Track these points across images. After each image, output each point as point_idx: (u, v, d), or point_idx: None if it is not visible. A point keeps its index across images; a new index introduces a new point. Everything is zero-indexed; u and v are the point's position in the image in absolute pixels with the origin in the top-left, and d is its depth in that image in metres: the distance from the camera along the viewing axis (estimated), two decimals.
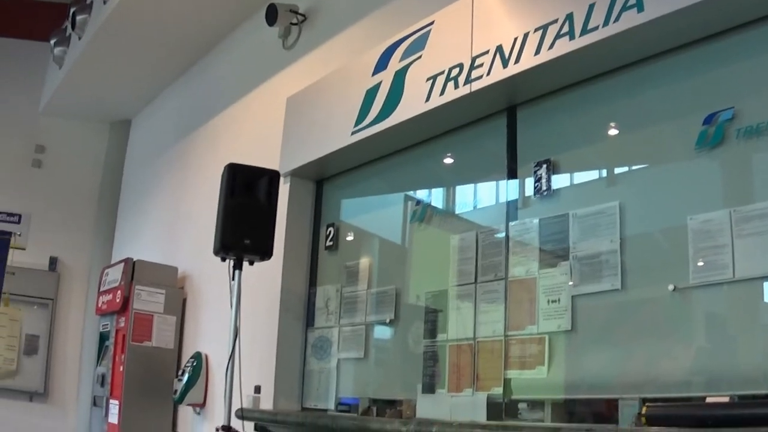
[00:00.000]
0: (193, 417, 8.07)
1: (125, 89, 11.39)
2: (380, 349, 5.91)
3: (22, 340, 12.10)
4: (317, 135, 6.42)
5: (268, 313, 6.60)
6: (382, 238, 6.24)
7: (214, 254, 5.73)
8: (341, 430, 5.16)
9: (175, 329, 8.52)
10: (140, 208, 11.20)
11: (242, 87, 8.45)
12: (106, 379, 8.66)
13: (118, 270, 8.63)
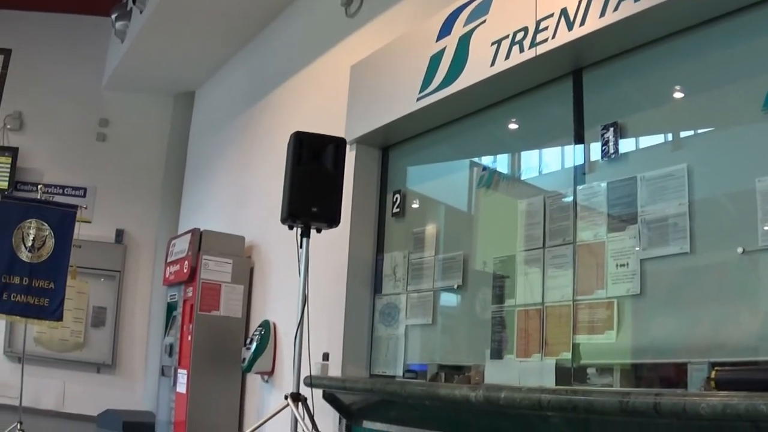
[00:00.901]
0: (262, 385, 8.30)
1: (188, 61, 11.66)
2: (448, 315, 6.03)
3: (90, 313, 12.46)
4: (382, 102, 6.54)
5: (336, 281, 6.76)
6: (448, 204, 6.35)
7: (282, 222, 5.85)
8: (410, 396, 5.26)
9: (243, 298, 8.75)
10: (206, 178, 11.48)
11: (306, 56, 8.61)
12: (174, 349, 8.94)
13: (185, 240, 8.88)
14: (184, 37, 10.65)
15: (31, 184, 12.47)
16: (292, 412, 5.43)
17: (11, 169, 12.61)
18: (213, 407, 8.46)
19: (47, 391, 12.12)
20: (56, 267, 8.39)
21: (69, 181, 12.83)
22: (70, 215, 8.57)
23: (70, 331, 12.07)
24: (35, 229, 8.37)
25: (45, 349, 12.20)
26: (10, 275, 8.35)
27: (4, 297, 8.33)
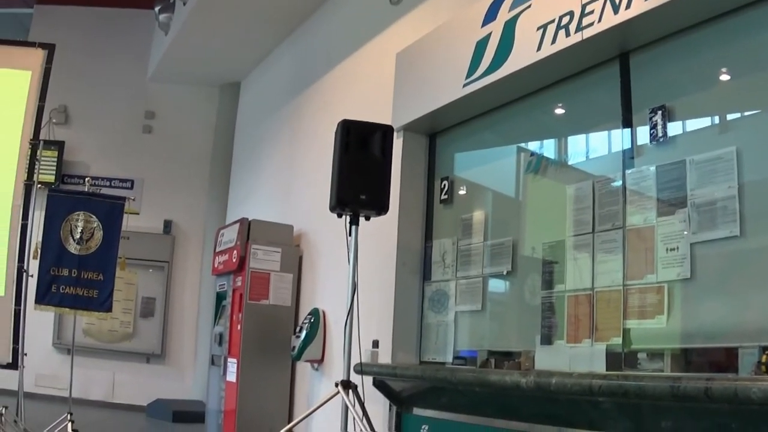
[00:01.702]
0: (312, 373, 8.49)
1: (233, 52, 11.89)
2: (497, 301, 6.13)
3: (139, 303, 12.71)
4: (429, 89, 6.64)
5: (385, 268, 6.89)
6: (496, 190, 6.43)
7: (330, 211, 5.94)
8: (460, 383, 5.35)
9: (292, 287, 8.94)
10: (253, 168, 11.66)
11: (351, 44, 8.75)
12: (224, 338, 9.14)
13: (234, 230, 9.07)
14: (228, 27, 10.87)
15: (78, 177, 12.74)
16: (342, 400, 5.51)
17: (58, 162, 12.94)
18: (263, 396, 8.65)
19: (97, 381, 12.48)
20: (105, 258, 8.49)
21: (116, 173, 13.13)
22: (118, 207, 8.68)
23: (119, 322, 12.36)
24: (83, 221, 8.49)
25: (94, 340, 12.51)
26: (58, 267, 8.44)
27: (53, 289, 8.41)
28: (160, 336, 13.04)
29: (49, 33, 11.77)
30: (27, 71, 8.45)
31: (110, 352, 12.84)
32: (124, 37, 13.94)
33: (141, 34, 13.79)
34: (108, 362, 12.81)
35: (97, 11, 14.01)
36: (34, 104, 8.32)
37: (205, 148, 13.61)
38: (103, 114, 13.65)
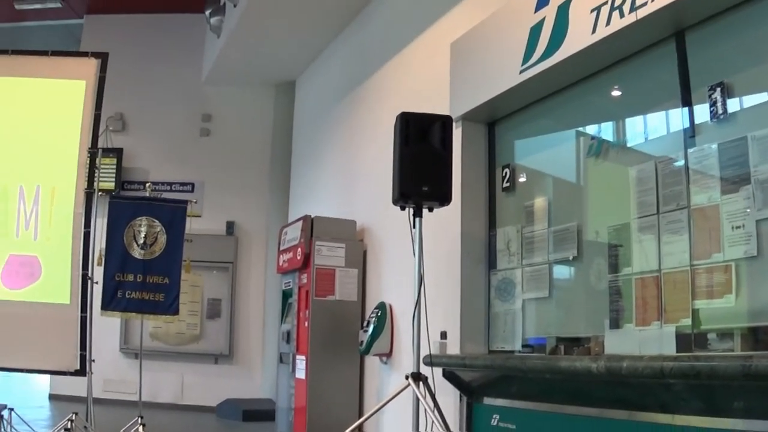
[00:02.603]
0: (380, 367, 8.64)
1: (286, 51, 12.12)
2: (564, 287, 6.20)
3: (205, 305, 12.96)
4: (485, 77, 6.72)
5: (450, 259, 6.99)
6: (558, 175, 6.48)
7: (393, 203, 6.07)
8: (530, 370, 5.46)
9: (358, 281, 9.13)
10: (313, 165, 11.87)
11: (404, 36, 8.88)
12: (292, 336, 9.38)
13: (297, 228, 9.29)
14: (280, 27, 11.11)
15: (137, 183, 13.12)
16: (413, 392, 5.61)
17: (117, 169, 13.32)
18: (333, 391, 8.85)
19: (165, 384, 12.84)
20: (170, 262, 8.69)
21: (176, 177, 13.45)
22: (181, 210, 8.86)
23: (186, 324, 12.64)
24: (146, 226, 8.68)
25: (161, 343, 12.83)
26: (123, 273, 8.64)
27: (119, 295, 8.62)
28: (228, 336, 13.34)
29: (100, 42, 12.09)
30: (81, 81, 8.69)
31: (178, 355, 13.18)
32: (176, 42, 14.30)
33: (193, 38, 14.12)
34: (176, 364, 13.16)
35: (147, 18, 14.38)
36: (91, 113, 8.54)
37: (263, 147, 13.90)
38: (160, 119, 14.04)
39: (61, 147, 8.61)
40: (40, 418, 10.44)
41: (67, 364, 8.14)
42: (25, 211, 8.51)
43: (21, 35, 15.17)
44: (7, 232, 8.52)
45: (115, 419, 9.35)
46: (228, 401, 12.48)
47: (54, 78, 8.84)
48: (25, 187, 8.54)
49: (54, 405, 12.55)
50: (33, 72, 8.91)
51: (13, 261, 8.48)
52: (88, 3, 14.30)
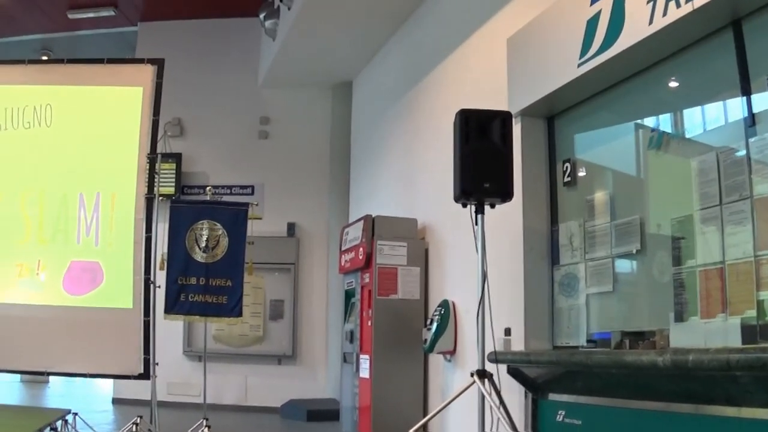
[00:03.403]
0: (444, 364, 8.72)
1: (342, 51, 12.30)
2: (628, 281, 6.23)
3: (267, 306, 13.15)
4: (543, 71, 6.79)
5: (512, 255, 7.08)
6: (619, 168, 6.52)
7: (455, 201, 6.14)
8: (596, 365, 5.49)
9: (420, 280, 9.22)
10: (372, 164, 12.04)
11: (460, 33, 8.96)
12: (355, 335, 9.52)
13: (358, 228, 9.44)
14: (335, 28, 11.30)
15: (197, 187, 13.39)
16: (478, 389, 5.67)
17: (176, 174, 13.61)
18: (397, 390, 8.97)
19: (229, 386, 13.14)
20: (232, 265, 8.85)
21: (235, 180, 13.72)
22: (242, 213, 9.01)
23: (249, 326, 12.85)
24: (208, 229, 8.84)
25: (225, 345, 13.09)
26: (186, 276, 8.84)
27: (182, 298, 8.82)
28: (291, 337, 13.54)
29: (155, 49, 12.32)
30: (138, 87, 8.94)
31: (241, 356, 13.42)
32: (232, 46, 14.56)
33: (248, 42, 14.38)
34: (240, 366, 13.40)
35: (201, 23, 14.67)
36: (149, 119, 8.78)
37: (322, 148, 14.10)
38: (218, 123, 14.31)
39: (120, 153, 8.86)
40: (103, 422, 10.69)
41: (131, 368, 8.38)
42: (86, 217, 8.77)
43: (75, 44, 15.54)
44: (68, 238, 8.82)
45: (179, 422, 9.57)
46: (292, 402, 12.68)
47: (111, 86, 9.09)
48: (85, 194, 8.80)
49: (117, 409, 12.86)
50: (90, 80, 9.16)
51: (75, 267, 8.77)
52: (141, 10, 14.60)
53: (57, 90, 9.18)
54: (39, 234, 8.89)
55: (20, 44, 15.61)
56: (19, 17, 14.52)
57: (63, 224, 8.84)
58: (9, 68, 9.54)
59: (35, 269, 8.83)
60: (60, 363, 8.60)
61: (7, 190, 8.98)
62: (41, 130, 9.03)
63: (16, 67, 9.54)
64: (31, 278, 8.80)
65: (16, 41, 15.59)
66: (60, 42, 15.64)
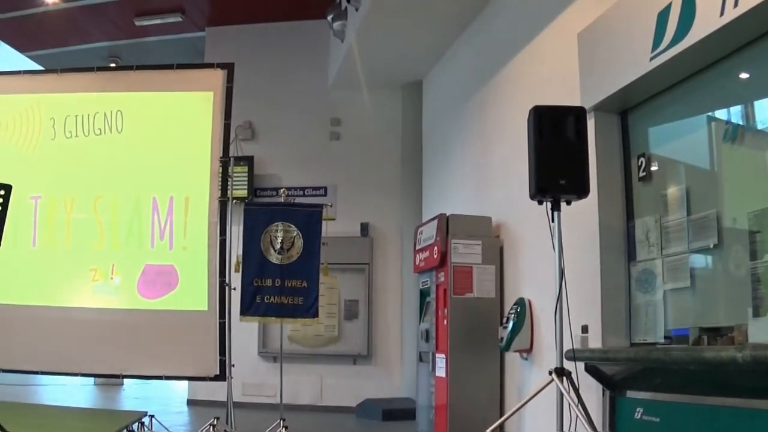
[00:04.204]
0: (521, 363, 8.78)
1: (411, 51, 12.46)
2: (705, 276, 6.21)
3: (342, 307, 13.32)
4: (615, 66, 6.82)
5: (588, 252, 7.10)
6: (694, 162, 6.50)
7: (531, 198, 6.22)
8: (674, 362, 5.52)
9: (495, 278, 9.29)
10: (445, 163, 12.12)
11: (530, 29, 9.02)
12: (431, 334, 9.63)
13: (432, 227, 9.55)
14: (403, 27, 11.42)
15: (270, 190, 13.67)
16: (556, 388, 5.74)
17: (249, 177, 13.88)
18: (473, 389, 9.06)
19: (304, 386, 13.42)
20: (307, 266, 9.04)
21: (308, 182, 13.97)
22: (316, 214, 9.18)
23: (324, 327, 13.07)
24: (283, 231, 9.02)
25: (300, 346, 13.34)
26: (261, 278, 9.05)
27: (257, 300, 9.04)
28: (366, 337, 13.76)
29: (223, 53, 12.62)
30: (209, 92, 9.17)
31: (316, 357, 13.68)
32: (300, 48, 14.81)
33: (316, 44, 14.62)
34: (315, 366, 13.67)
35: (269, 27, 14.97)
36: (220, 123, 9.00)
37: (393, 148, 14.30)
38: (289, 125, 14.60)
39: (192, 157, 9.09)
40: (179, 424, 10.99)
41: (207, 370, 8.60)
42: (159, 221, 9.01)
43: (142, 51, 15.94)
44: (141, 242, 9.09)
45: (255, 422, 9.81)
46: (367, 401, 12.86)
47: (181, 91, 9.33)
48: (158, 198, 9.03)
49: (192, 410, 13.16)
50: (160, 86, 9.42)
51: (150, 271, 9.04)
52: (208, 15, 14.94)
53: (127, 96, 9.48)
54: (113, 239, 9.19)
55: (88, 52, 16.09)
56: (87, 25, 14.98)
57: (137, 228, 9.12)
58: (78, 76, 9.86)
59: (109, 273, 9.14)
60: (136, 366, 8.91)
61: (81, 196, 9.30)
62: (112, 137, 9.34)
63: (85, 75, 9.87)
64: (105, 282, 9.11)
65: (84, 49, 16.07)
66: (127, 49, 16.06)
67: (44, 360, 8.93)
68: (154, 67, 9.89)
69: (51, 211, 9.30)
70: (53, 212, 9.29)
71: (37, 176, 9.41)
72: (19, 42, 16.22)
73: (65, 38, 15.63)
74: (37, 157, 9.47)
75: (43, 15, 14.30)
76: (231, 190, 9.07)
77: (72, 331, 8.95)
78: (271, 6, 14.31)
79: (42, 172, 9.45)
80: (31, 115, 9.52)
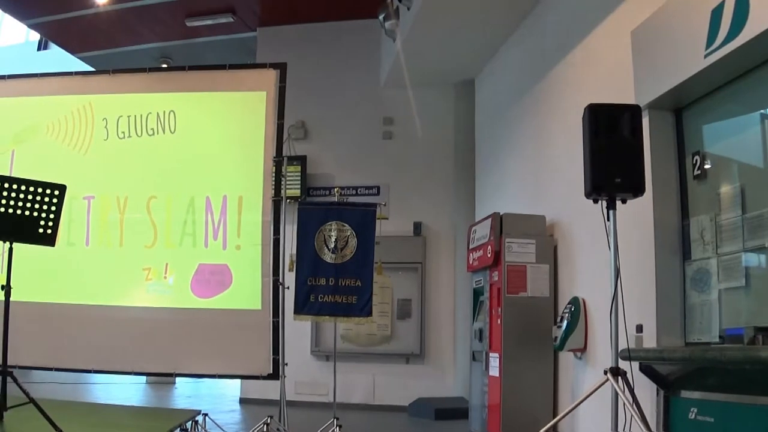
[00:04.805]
0: (575, 362, 8.82)
1: (463, 50, 12.53)
2: (761, 275, 6.16)
3: (395, 306, 13.39)
4: (669, 64, 6.82)
5: (642, 250, 7.12)
6: (749, 160, 6.46)
7: (586, 197, 6.26)
8: (730, 362, 5.54)
9: (549, 277, 9.33)
10: (498, 162, 12.20)
11: (583, 27, 9.04)
12: (484, 334, 9.71)
13: (486, 226, 9.61)
14: (455, 26, 11.51)
15: (323, 189, 13.84)
16: (611, 387, 5.79)
17: (302, 176, 14.04)
18: (527, 388, 9.11)
19: (356, 385, 13.53)
20: (361, 265, 9.12)
21: (360, 181, 14.15)
22: (370, 214, 9.25)
23: (376, 326, 13.17)
24: (336, 230, 9.10)
25: (352, 345, 13.45)
26: (315, 277, 9.14)
27: (311, 299, 9.12)
28: (418, 336, 13.83)
29: (275, 53, 12.80)
30: (262, 92, 9.30)
31: (369, 356, 13.79)
32: (352, 48, 14.97)
33: (368, 44, 14.75)
34: (367, 365, 13.78)
35: (320, 26, 15.10)
36: (273, 123, 9.13)
37: (446, 147, 14.37)
38: (341, 125, 14.76)
39: (245, 157, 9.22)
40: (231, 422, 11.09)
41: (260, 369, 8.72)
42: (213, 221, 9.14)
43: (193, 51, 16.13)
44: (195, 242, 9.22)
45: (307, 421, 9.92)
46: (420, 400, 12.93)
47: (234, 91, 9.45)
48: (211, 197, 9.16)
49: (245, 409, 13.30)
50: (212, 86, 9.56)
51: (203, 270, 9.17)
52: (260, 16, 15.08)
53: (180, 97, 9.68)
54: (166, 238, 9.36)
55: (138, 53, 16.35)
56: (138, 27, 15.21)
57: (190, 228, 9.27)
58: (131, 77, 10.08)
59: (163, 273, 9.31)
60: (189, 364, 9.07)
61: (134, 196, 9.48)
62: (165, 137, 9.54)
63: (137, 75, 10.09)
64: (158, 282, 9.29)
65: (135, 50, 16.33)
66: (178, 50, 16.28)
67: (98, 358, 9.10)
68: (207, 68, 10.04)
69: (104, 211, 9.49)
70: (106, 212, 9.48)
71: (90, 176, 9.60)
72: (69, 43, 16.54)
73: (116, 39, 15.88)
74: (90, 158, 9.67)
75: (94, 16, 14.55)
76: (284, 190, 9.18)
77: (125, 330, 9.13)
78: (322, 6, 14.45)
79: (95, 172, 9.64)
80: (84, 116, 9.72)
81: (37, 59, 22.77)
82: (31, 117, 9.89)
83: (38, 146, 9.81)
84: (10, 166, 9.68)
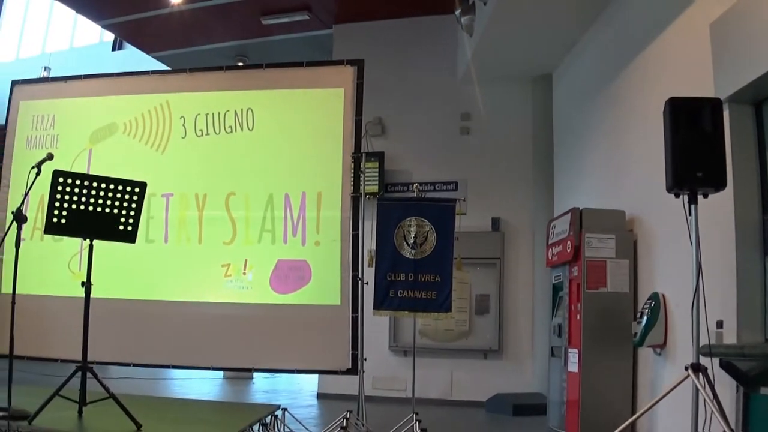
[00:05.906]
0: (654, 358, 8.77)
1: (540, 44, 12.56)
2: None
3: (473, 301, 13.49)
4: (749, 57, 6.79)
5: (723, 245, 7.08)
6: None
7: (668, 191, 6.25)
8: None
9: (629, 272, 9.29)
10: (576, 157, 12.19)
11: (661, 21, 9.00)
12: (563, 329, 9.73)
13: (565, 221, 9.65)
14: (532, 20, 11.54)
15: (400, 185, 13.99)
16: (692, 384, 5.79)
17: (380, 172, 14.25)
18: (605, 384, 9.10)
19: (434, 380, 13.61)
20: (440, 260, 9.21)
21: (438, 177, 14.31)
22: (449, 209, 9.34)
23: (455, 321, 13.20)
24: (416, 226, 9.19)
25: (430, 340, 13.58)
26: (395, 273, 9.26)
27: (391, 294, 9.24)
28: (496, 332, 13.92)
29: (351, 50, 12.85)
30: (339, 89, 9.41)
31: (447, 351, 13.91)
32: (428, 44, 15.06)
33: (445, 39, 14.84)
34: (445, 361, 13.90)
35: (396, 23, 15.23)
36: (351, 119, 9.25)
37: (524, 142, 14.41)
38: (418, 121, 14.87)
39: (323, 154, 9.32)
40: (310, 417, 11.28)
41: (339, 364, 8.81)
42: (292, 217, 9.27)
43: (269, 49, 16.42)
44: (275, 238, 9.34)
45: (385, 416, 10.03)
46: (498, 396, 13.03)
47: (311, 88, 9.56)
48: (290, 194, 9.31)
49: (323, 404, 13.46)
50: (290, 84, 9.68)
51: (282, 266, 9.29)
52: (335, 13, 15.26)
53: (257, 94, 9.80)
54: (246, 235, 9.46)
55: (214, 52, 16.70)
56: (214, 26, 15.51)
57: (269, 224, 9.37)
58: (207, 75, 10.19)
59: (242, 269, 9.40)
60: (268, 359, 9.22)
61: (212, 193, 9.62)
62: (244, 134, 9.65)
63: (213, 74, 10.20)
64: (237, 278, 9.37)
65: (210, 49, 16.67)
66: (253, 48, 16.57)
67: (177, 354, 9.28)
68: (284, 65, 10.12)
69: (183, 208, 9.65)
70: (185, 209, 9.63)
71: (168, 174, 9.77)
72: (144, 43, 16.95)
73: (191, 38, 16.24)
74: (168, 156, 9.85)
75: (169, 16, 14.90)
76: (363, 186, 9.31)
77: (204, 326, 9.28)
78: (398, 2, 14.56)
79: (173, 170, 9.81)
80: (161, 115, 9.92)
81: (112, 59, 23.17)
82: (107, 116, 10.10)
83: (115, 145, 10.02)
84: (87, 165, 9.92)
